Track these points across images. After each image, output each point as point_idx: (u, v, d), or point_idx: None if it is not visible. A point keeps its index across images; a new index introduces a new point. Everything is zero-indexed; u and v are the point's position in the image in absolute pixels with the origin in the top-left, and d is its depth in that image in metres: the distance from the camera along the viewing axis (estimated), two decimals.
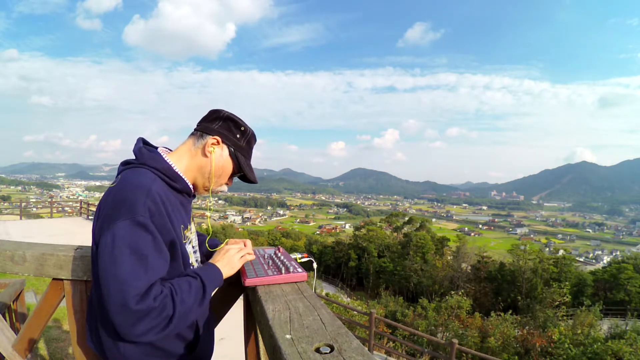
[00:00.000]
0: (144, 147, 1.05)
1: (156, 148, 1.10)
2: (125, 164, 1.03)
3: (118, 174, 1.01)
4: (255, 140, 1.18)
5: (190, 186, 1.10)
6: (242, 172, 1.14)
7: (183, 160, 1.08)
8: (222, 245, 1.35)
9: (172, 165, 1.04)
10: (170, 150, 1.13)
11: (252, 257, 1.18)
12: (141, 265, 0.85)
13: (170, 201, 0.99)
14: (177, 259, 0.99)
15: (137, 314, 0.81)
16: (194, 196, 1.17)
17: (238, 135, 1.11)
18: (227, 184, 1.16)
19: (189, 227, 1.10)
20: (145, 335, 0.84)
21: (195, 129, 1.12)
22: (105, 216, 0.90)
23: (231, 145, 1.10)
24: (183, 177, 1.06)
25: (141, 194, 0.90)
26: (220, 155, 1.09)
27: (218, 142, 1.08)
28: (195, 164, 1.09)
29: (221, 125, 1.10)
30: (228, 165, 1.11)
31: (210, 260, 1.08)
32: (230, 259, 1.09)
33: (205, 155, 1.08)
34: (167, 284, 0.90)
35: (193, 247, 1.16)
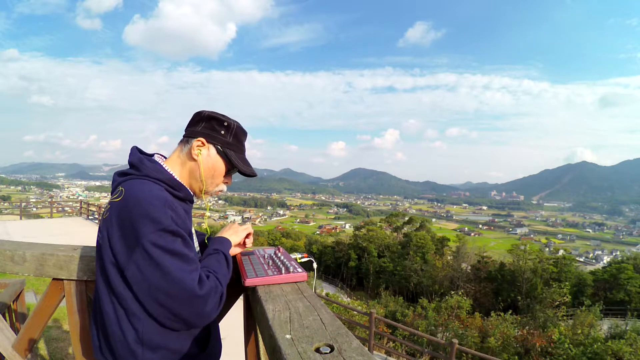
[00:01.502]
0: (144, 158, 1.05)
1: (152, 155, 1.10)
2: (122, 174, 1.03)
3: (117, 185, 1.00)
4: (245, 133, 1.16)
5: (191, 193, 1.11)
6: (235, 167, 1.12)
7: (176, 168, 1.09)
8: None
9: (173, 175, 1.06)
10: (164, 157, 1.14)
11: (251, 230, 1.31)
12: (186, 262, 0.91)
13: (177, 209, 1.01)
14: None
15: (205, 297, 0.89)
16: (193, 202, 1.18)
17: (223, 132, 1.09)
18: (225, 182, 1.16)
19: (192, 231, 1.13)
20: (213, 312, 0.92)
21: (183, 136, 1.12)
22: (128, 233, 0.90)
23: (217, 143, 1.09)
24: (184, 185, 1.08)
25: (160, 204, 0.92)
26: (207, 155, 1.08)
27: (203, 143, 1.07)
28: (186, 170, 1.09)
29: (204, 125, 1.09)
30: (219, 164, 1.10)
31: (218, 234, 1.19)
32: (235, 229, 1.23)
33: (193, 159, 1.07)
34: (203, 267, 0.99)
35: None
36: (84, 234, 12.32)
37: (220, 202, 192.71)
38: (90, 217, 17.25)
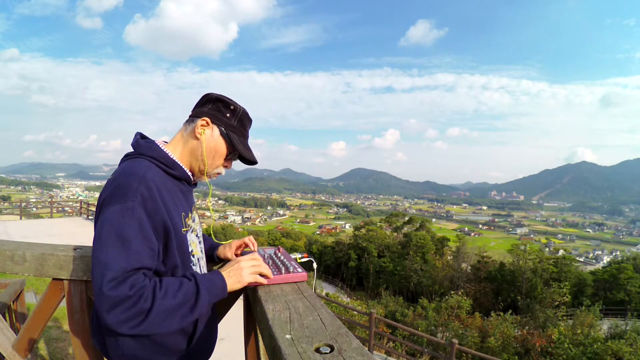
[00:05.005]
0: (140, 139, 1.07)
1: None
2: (125, 157, 1.05)
3: (118, 167, 1.03)
4: (250, 119, 1.16)
5: (189, 173, 1.10)
6: (236, 151, 1.11)
7: (178, 148, 1.09)
8: (226, 243, 1.34)
9: (168, 153, 1.06)
10: (166, 143, 1.15)
11: (268, 274, 1.05)
12: (123, 250, 0.84)
13: (168, 189, 0.99)
14: (172, 246, 0.97)
15: (110, 300, 0.79)
16: (195, 185, 1.18)
17: (228, 115, 1.10)
18: (225, 166, 1.15)
19: (190, 215, 1.09)
20: (120, 326, 0.80)
21: (189, 116, 1.13)
22: (101, 205, 0.91)
23: (222, 124, 1.09)
24: (180, 163, 1.07)
25: (134, 180, 0.90)
26: (211, 135, 1.08)
27: (207, 123, 1.08)
28: (188, 148, 1.09)
29: (211, 107, 1.10)
30: (221, 145, 1.09)
31: (221, 269, 1.03)
32: (238, 272, 1.00)
33: (197, 138, 1.07)
34: (154, 278, 0.88)
35: (197, 236, 1.15)
36: (84, 234, 12.30)
37: (220, 202, 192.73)
38: (90, 217, 17.22)
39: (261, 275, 1.05)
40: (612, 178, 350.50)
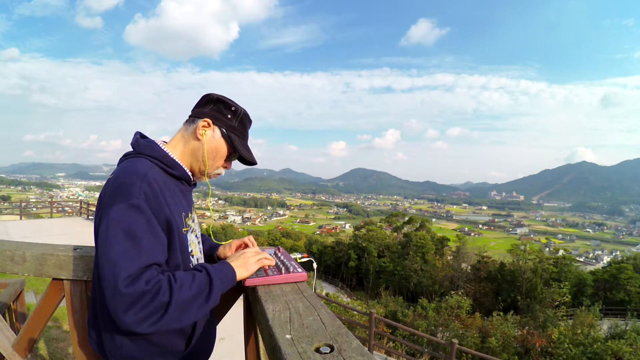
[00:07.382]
0: (140, 139, 1.07)
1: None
2: (125, 156, 1.05)
3: (117, 166, 1.02)
4: (250, 121, 1.16)
5: (189, 173, 1.10)
6: (237, 152, 1.12)
7: (178, 148, 1.09)
8: (226, 243, 1.34)
9: (168, 153, 1.05)
10: (166, 143, 1.14)
11: (271, 262, 1.12)
12: (134, 248, 0.83)
13: (168, 188, 0.99)
14: (174, 245, 0.97)
15: (127, 298, 0.78)
16: (195, 185, 1.18)
17: (229, 116, 1.10)
18: (225, 167, 1.15)
19: (190, 215, 1.09)
20: (139, 324, 0.79)
21: (189, 116, 1.13)
22: (104, 205, 0.90)
23: (223, 126, 1.09)
24: (180, 163, 1.07)
25: (137, 178, 0.90)
26: (212, 136, 1.08)
27: (209, 124, 1.08)
28: (188, 149, 1.09)
29: (212, 107, 1.09)
30: (222, 147, 1.10)
31: (228, 259, 1.06)
32: (245, 261, 1.06)
33: (198, 139, 1.07)
34: (167, 273, 0.89)
35: (196, 236, 1.15)
36: (84, 234, 12.30)
37: (220, 202, 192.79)
38: (90, 217, 17.22)
39: (265, 270, 1.10)
40: (612, 178, 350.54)
